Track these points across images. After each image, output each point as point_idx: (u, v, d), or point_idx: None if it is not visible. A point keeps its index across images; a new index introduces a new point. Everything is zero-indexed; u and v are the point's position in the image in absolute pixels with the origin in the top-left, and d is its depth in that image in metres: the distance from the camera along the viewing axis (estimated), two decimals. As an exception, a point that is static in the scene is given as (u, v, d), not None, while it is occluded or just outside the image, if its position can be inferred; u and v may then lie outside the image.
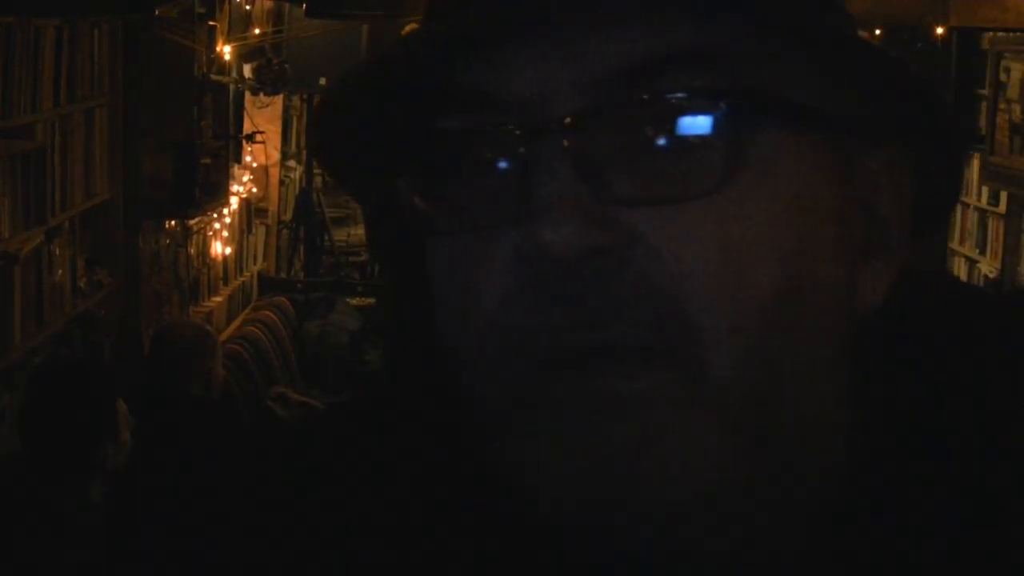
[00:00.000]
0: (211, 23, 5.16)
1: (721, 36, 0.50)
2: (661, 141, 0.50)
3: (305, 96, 7.72)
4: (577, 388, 0.50)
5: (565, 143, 0.50)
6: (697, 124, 0.50)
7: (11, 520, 2.76)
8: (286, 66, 6.26)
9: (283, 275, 7.32)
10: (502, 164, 0.52)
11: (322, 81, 7.10)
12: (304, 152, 7.88)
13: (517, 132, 0.51)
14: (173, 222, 5.03)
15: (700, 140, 0.50)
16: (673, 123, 0.50)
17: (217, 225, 5.78)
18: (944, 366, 0.58)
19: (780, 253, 0.51)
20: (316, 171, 8.02)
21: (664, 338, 0.49)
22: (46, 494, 2.82)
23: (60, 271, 3.83)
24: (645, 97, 0.50)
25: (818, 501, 0.55)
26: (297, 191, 7.73)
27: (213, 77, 5.17)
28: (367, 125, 0.56)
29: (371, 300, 6.69)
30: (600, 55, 0.50)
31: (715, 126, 0.50)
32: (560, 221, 0.49)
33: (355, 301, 6.72)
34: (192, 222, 5.28)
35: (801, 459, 0.53)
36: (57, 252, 3.79)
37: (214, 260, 5.85)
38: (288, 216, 7.57)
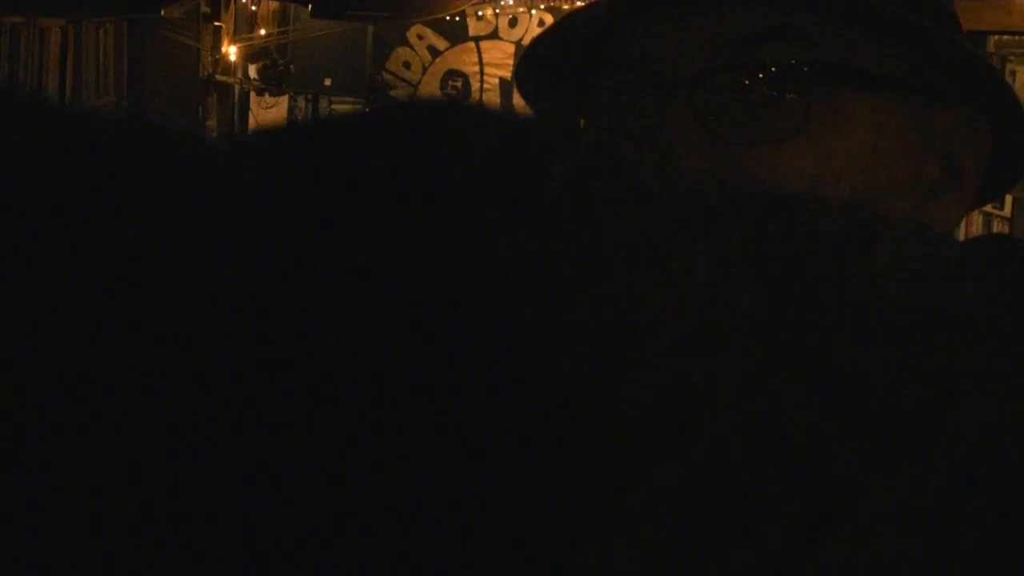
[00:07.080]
0: (216, 24, 5.17)
1: (796, 16, 0.67)
2: (759, 96, 0.66)
3: (310, 96, 7.72)
4: None
5: (690, 96, 0.66)
6: (786, 84, 0.66)
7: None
8: (291, 67, 6.27)
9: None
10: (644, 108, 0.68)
11: (327, 82, 7.09)
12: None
13: (655, 85, 0.67)
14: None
15: (788, 96, 0.66)
16: (771, 83, 0.66)
17: (221, 225, 5.78)
18: None
19: (852, 185, 0.66)
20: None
21: None
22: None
23: (65, 270, 3.84)
24: (751, 61, 0.66)
25: None
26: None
27: (218, 77, 5.18)
28: (557, 65, 0.74)
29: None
30: (719, 28, 0.67)
31: (798, 86, 0.66)
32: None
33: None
34: (196, 222, 5.29)
35: None
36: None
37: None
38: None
